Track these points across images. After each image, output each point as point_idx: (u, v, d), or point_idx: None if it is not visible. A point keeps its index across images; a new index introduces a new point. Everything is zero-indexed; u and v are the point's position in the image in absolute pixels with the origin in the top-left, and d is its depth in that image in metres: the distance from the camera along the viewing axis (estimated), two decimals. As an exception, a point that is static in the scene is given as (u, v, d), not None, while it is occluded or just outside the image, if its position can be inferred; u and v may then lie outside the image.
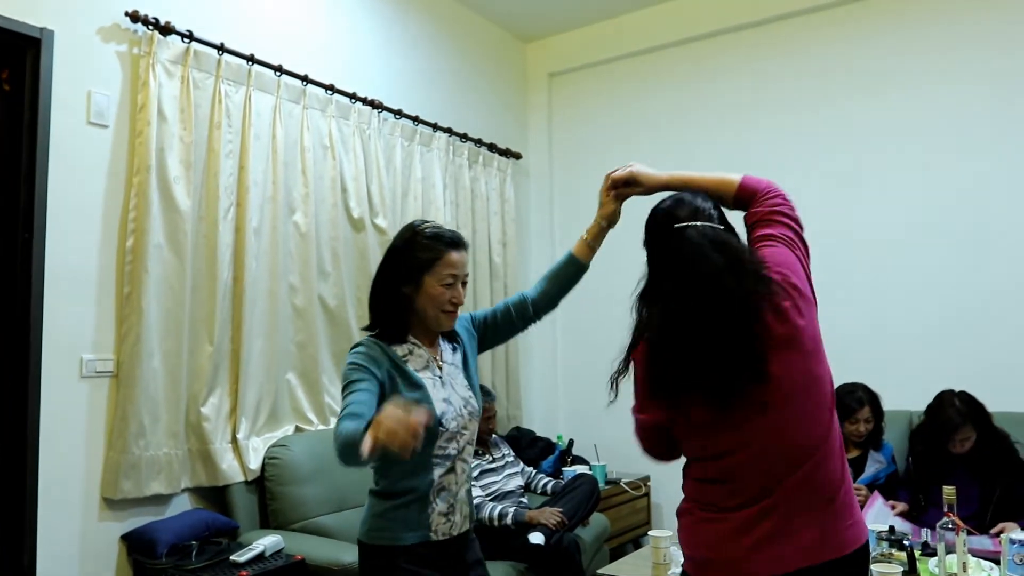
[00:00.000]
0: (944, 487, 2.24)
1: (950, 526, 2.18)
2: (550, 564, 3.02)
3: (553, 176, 4.92)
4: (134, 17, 2.78)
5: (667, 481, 4.35)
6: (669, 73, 4.52)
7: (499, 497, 3.36)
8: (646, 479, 4.30)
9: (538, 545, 2.97)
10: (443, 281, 1.80)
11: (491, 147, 4.52)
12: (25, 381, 2.49)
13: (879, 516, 2.81)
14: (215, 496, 2.96)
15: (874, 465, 3.24)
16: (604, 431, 4.60)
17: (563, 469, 3.99)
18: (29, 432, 2.48)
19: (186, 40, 2.93)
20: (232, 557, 2.53)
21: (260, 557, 2.56)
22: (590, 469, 4.04)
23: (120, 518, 2.71)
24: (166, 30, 2.85)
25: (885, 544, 2.27)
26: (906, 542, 2.24)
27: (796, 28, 4.13)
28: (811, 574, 1.37)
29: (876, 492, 3.00)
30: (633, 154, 4.58)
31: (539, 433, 4.65)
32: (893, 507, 2.96)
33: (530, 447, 4.19)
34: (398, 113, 3.86)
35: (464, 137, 4.31)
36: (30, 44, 2.56)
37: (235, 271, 3.06)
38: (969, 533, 2.35)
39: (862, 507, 3.01)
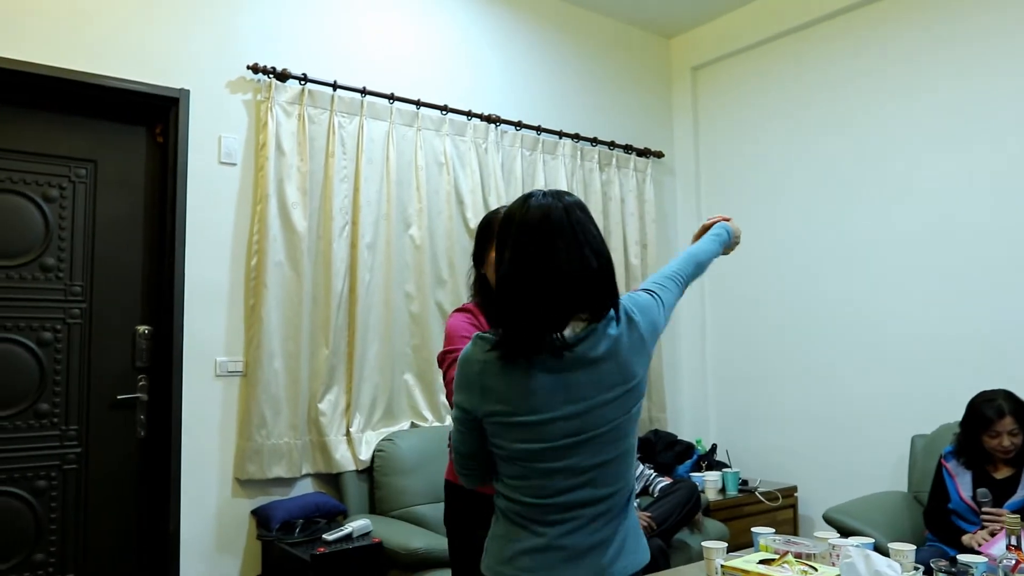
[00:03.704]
0: (1007, 515, 1.93)
1: (1013, 560, 1.87)
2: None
3: (699, 172, 4.77)
4: (255, 69, 3.25)
5: (819, 490, 4.05)
6: (817, 49, 4.19)
7: (604, 498, 3.38)
8: (792, 489, 4.02)
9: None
10: None
11: (627, 148, 4.51)
12: (169, 379, 3.05)
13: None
14: (334, 482, 3.35)
15: (1029, 487, 2.79)
16: (755, 436, 4.40)
17: (691, 475, 3.90)
18: (173, 422, 3.03)
19: (301, 83, 3.35)
20: (324, 535, 2.87)
21: (347, 537, 2.87)
22: (721, 475, 3.91)
23: (251, 495, 3.19)
24: (283, 76, 3.29)
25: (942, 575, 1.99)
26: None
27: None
28: None
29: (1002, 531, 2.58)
30: (787, 136, 4.31)
31: (687, 437, 4.56)
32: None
33: (666, 451, 4.12)
34: (518, 125, 4.03)
35: (594, 141, 4.35)
36: (172, 103, 3.13)
37: (350, 282, 3.42)
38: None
39: (994, 535, 2.62)
